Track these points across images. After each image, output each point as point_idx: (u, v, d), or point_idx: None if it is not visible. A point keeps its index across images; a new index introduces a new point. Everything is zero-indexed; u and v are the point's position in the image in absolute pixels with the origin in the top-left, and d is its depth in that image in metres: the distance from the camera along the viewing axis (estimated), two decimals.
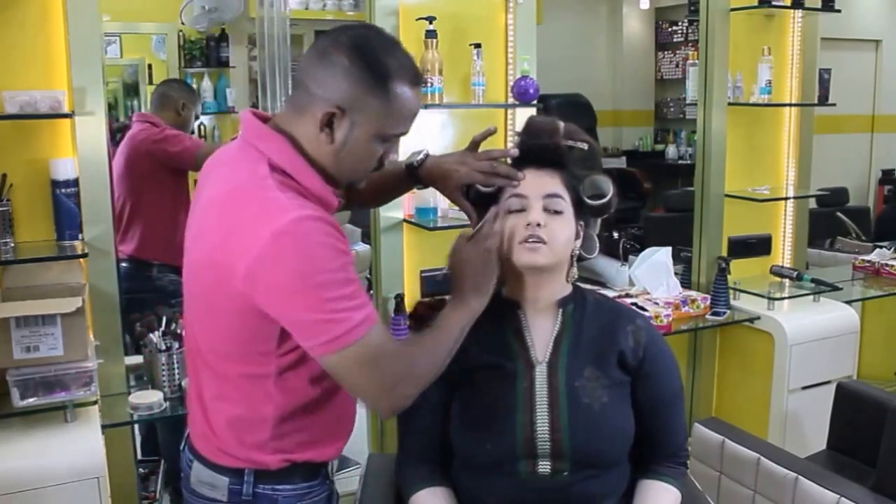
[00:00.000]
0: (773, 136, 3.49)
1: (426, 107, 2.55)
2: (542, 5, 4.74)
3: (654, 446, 1.61)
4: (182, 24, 4.72)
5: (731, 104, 3.27)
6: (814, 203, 3.86)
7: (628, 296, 3.03)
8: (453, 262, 1.46)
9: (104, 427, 2.11)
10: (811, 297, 3.21)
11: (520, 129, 1.61)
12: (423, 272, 2.83)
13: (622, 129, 7.50)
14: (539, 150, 1.54)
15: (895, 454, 2.15)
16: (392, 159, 1.41)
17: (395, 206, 2.71)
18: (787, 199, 3.50)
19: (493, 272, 1.45)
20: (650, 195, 5.91)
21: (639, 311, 1.92)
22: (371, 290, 2.88)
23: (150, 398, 2.22)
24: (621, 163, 6.87)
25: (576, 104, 6.40)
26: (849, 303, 3.26)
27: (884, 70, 7.02)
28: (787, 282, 3.30)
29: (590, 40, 7.40)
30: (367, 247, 3.20)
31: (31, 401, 2.04)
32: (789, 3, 3.30)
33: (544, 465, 1.50)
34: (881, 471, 2.18)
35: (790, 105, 3.46)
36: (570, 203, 1.52)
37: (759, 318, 3.10)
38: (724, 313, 3.09)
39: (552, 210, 1.50)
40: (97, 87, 2.22)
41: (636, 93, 7.52)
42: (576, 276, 1.60)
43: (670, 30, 7.47)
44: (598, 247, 1.61)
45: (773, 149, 3.51)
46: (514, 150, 1.54)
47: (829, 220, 4.76)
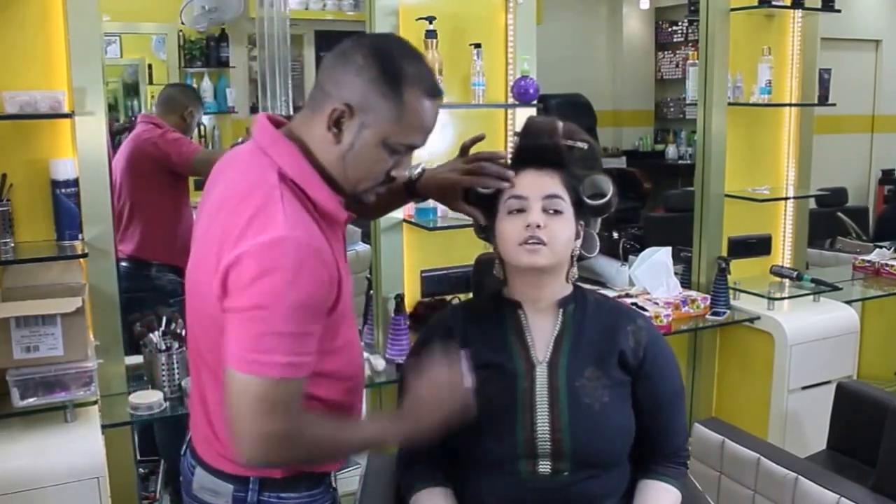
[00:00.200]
0: (773, 136, 3.49)
1: None
2: (542, 5, 4.75)
3: (654, 446, 1.61)
4: (182, 24, 4.72)
5: (731, 104, 3.27)
6: (813, 203, 3.86)
7: (628, 296, 3.03)
8: (424, 392, 1.35)
9: (104, 427, 2.11)
10: (811, 297, 3.21)
11: (520, 129, 1.61)
12: (423, 272, 2.83)
13: (622, 129, 7.50)
14: (538, 151, 1.53)
15: (895, 454, 2.15)
16: (402, 174, 1.35)
17: None
18: (787, 199, 3.50)
19: (449, 417, 1.35)
20: (650, 195, 5.91)
21: (639, 311, 1.92)
22: (371, 290, 2.88)
23: (150, 398, 2.22)
24: (621, 163, 6.88)
25: (576, 104, 6.41)
26: (849, 303, 3.25)
27: (884, 70, 7.02)
28: (787, 282, 3.30)
29: (590, 40, 7.41)
30: (367, 247, 3.20)
31: (31, 401, 2.04)
32: (789, 3, 3.30)
33: (545, 465, 1.50)
34: (881, 471, 2.18)
35: (790, 105, 3.46)
36: (569, 203, 1.52)
37: (759, 318, 3.10)
38: (724, 313, 3.09)
39: (552, 210, 1.50)
40: (97, 87, 2.21)
41: (636, 93, 7.53)
42: (576, 276, 1.59)
43: (670, 30, 7.48)
44: (598, 246, 1.60)
45: (773, 149, 3.51)
46: (503, 151, 1.52)
47: (829, 220, 4.76)
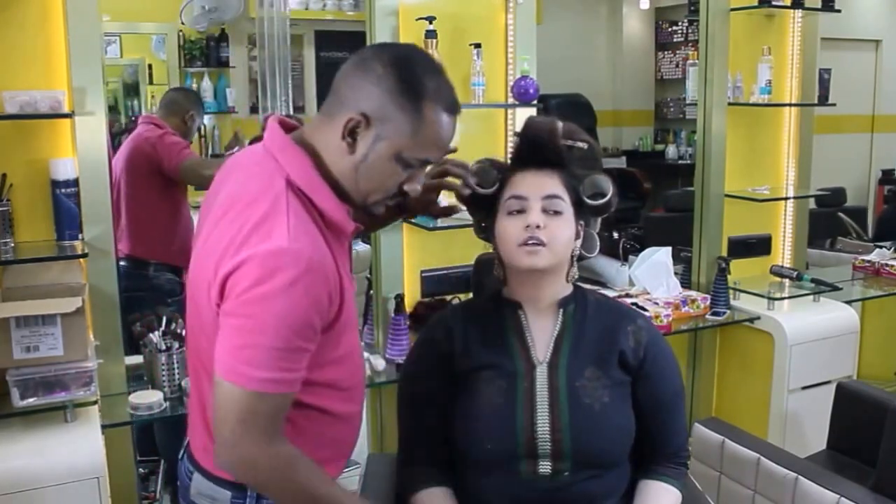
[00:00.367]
0: (773, 136, 3.49)
1: None
2: (542, 5, 4.75)
3: (654, 446, 1.61)
4: (182, 24, 4.72)
5: (731, 104, 3.27)
6: (813, 203, 3.86)
7: (628, 296, 3.03)
8: None
9: (104, 427, 2.11)
10: (811, 297, 3.21)
11: (519, 129, 1.61)
12: (423, 272, 2.83)
13: (622, 129, 7.50)
14: (538, 151, 1.53)
15: (895, 454, 2.15)
16: (415, 188, 1.33)
17: None
18: (787, 199, 3.50)
19: None
20: (650, 195, 5.91)
21: (640, 311, 1.92)
22: (371, 290, 2.88)
23: (150, 398, 2.22)
24: (621, 163, 6.87)
25: (576, 104, 6.40)
26: (849, 303, 3.25)
27: (884, 70, 7.02)
28: (787, 282, 3.30)
29: (590, 40, 7.41)
30: (367, 247, 3.20)
31: (31, 401, 2.03)
32: (789, 3, 3.30)
33: (545, 466, 1.50)
34: (881, 471, 2.18)
35: (790, 105, 3.46)
36: (569, 203, 1.52)
37: (759, 318, 3.10)
38: (724, 313, 3.09)
39: (552, 211, 1.50)
40: (97, 87, 2.21)
41: (636, 93, 7.53)
42: (576, 276, 1.59)
43: (670, 30, 7.47)
44: (598, 246, 1.60)
45: (773, 149, 3.51)
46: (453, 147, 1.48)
47: (829, 220, 4.76)
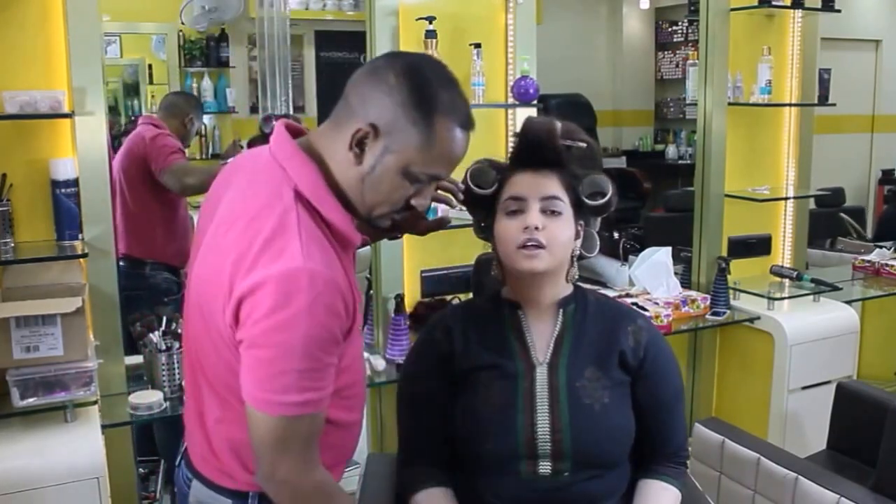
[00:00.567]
0: (773, 136, 3.49)
1: None
2: (542, 5, 4.75)
3: (654, 446, 1.61)
4: (182, 24, 4.73)
5: (731, 104, 3.27)
6: (813, 203, 3.86)
7: (628, 296, 3.03)
8: None
9: (104, 427, 2.11)
10: (811, 297, 3.21)
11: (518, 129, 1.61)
12: (423, 272, 2.83)
13: (622, 129, 7.50)
14: (536, 152, 1.52)
15: (895, 454, 2.15)
16: (421, 204, 1.29)
17: None
18: (787, 199, 3.50)
19: None
20: (650, 195, 5.91)
21: (639, 311, 1.92)
22: (371, 290, 2.88)
23: (149, 398, 2.22)
24: (621, 163, 6.88)
25: (576, 104, 6.41)
26: (849, 303, 3.25)
27: (884, 70, 7.02)
28: (787, 282, 3.30)
29: (590, 40, 7.41)
30: (367, 247, 3.20)
31: (31, 401, 2.03)
32: (789, 3, 3.30)
33: (545, 466, 1.50)
34: (881, 471, 2.18)
35: (790, 105, 3.46)
36: (568, 204, 1.51)
37: (759, 318, 3.10)
38: (724, 313, 3.09)
39: (550, 211, 1.49)
40: (97, 87, 2.21)
41: (636, 93, 7.53)
42: (576, 276, 1.59)
43: (670, 30, 7.48)
44: (598, 245, 1.60)
45: (773, 149, 3.51)
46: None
47: (829, 220, 4.76)
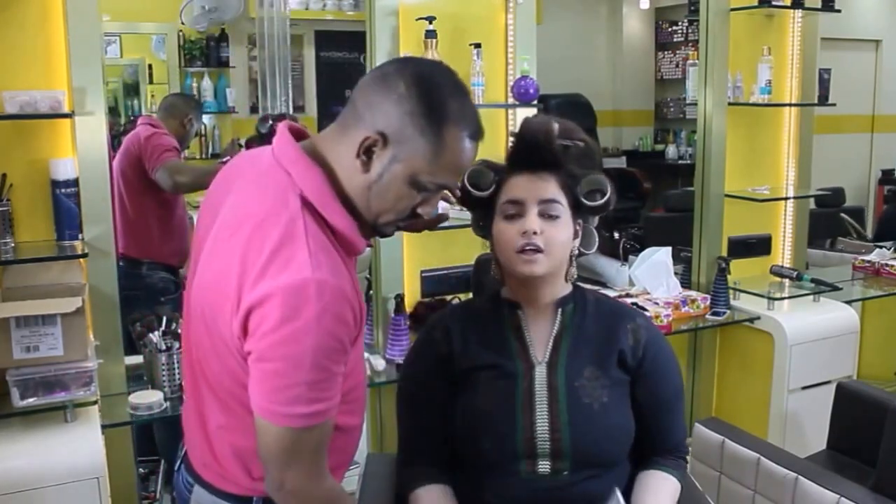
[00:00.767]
0: (773, 136, 3.49)
1: None
2: (542, 5, 4.75)
3: (654, 445, 1.60)
4: (182, 24, 4.74)
5: (731, 104, 3.27)
6: (813, 203, 3.86)
7: (628, 296, 3.03)
8: None
9: (104, 427, 2.11)
10: (811, 297, 3.21)
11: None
12: (423, 272, 2.83)
13: (622, 129, 7.51)
14: (533, 153, 1.51)
15: (895, 454, 2.15)
16: (428, 213, 1.28)
17: None
18: (787, 199, 3.50)
19: None
20: (650, 195, 5.91)
21: (639, 310, 1.91)
22: (371, 290, 2.88)
23: (149, 398, 2.22)
24: (621, 163, 6.88)
25: (576, 104, 6.41)
26: (849, 303, 3.26)
27: (884, 70, 7.03)
28: (787, 282, 3.30)
29: (590, 40, 7.41)
30: (368, 248, 3.20)
31: (30, 401, 2.04)
32: (789, 3, 3.30)
33: (544, 465, 1.50)
34: (881, 471, 2.18)
35: (790, 105, 3.46)
36: (567, 206, 1.50)
37: (759, 318, 3.10)
38: (724, 313, 3.09)
39: (548, 215, 1.49)
40: (97, 87, 2.22)
41: (636, 93, 7.53)
42: (575, 276, 1.59)
43: (670, 30, 7.48)
44: (597, 241, 1.59)
45: (773, 149, 3.51)
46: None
47: (829, 220, 4.76)
